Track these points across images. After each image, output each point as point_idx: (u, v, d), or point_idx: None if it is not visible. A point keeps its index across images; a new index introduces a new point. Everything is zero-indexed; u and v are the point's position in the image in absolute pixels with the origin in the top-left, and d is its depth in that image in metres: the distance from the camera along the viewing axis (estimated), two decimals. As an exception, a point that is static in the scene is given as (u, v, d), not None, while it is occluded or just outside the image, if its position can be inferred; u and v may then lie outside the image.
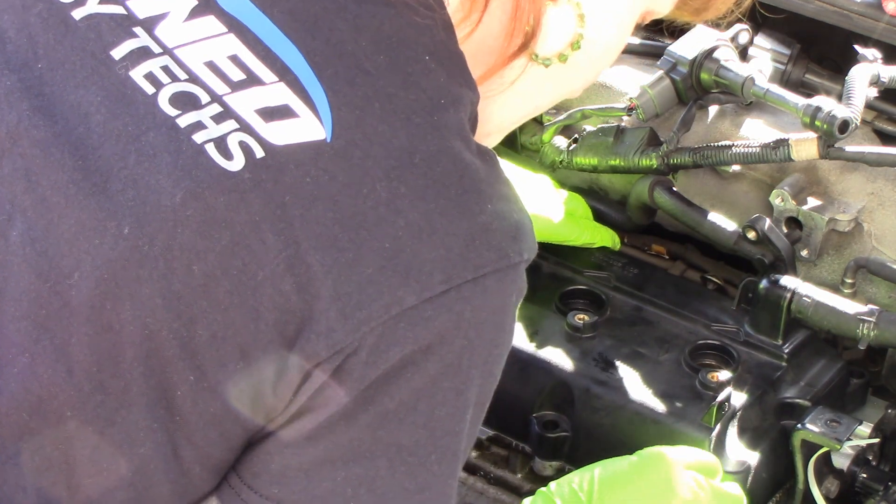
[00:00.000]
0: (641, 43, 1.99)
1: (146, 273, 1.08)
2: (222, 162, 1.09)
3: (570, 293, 1.73)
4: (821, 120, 1.65)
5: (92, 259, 1.09)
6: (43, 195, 1.10)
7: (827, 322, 1.63)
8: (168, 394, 1.10)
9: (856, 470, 1.58)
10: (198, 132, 1.10)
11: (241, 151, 1.09)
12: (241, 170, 1.08)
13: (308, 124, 1.10)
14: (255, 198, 1.08)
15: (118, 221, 1.09)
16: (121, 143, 1.11)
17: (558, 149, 1.86)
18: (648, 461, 1.46)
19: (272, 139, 1.10)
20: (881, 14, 1.82)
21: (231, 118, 1.11)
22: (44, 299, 1.09)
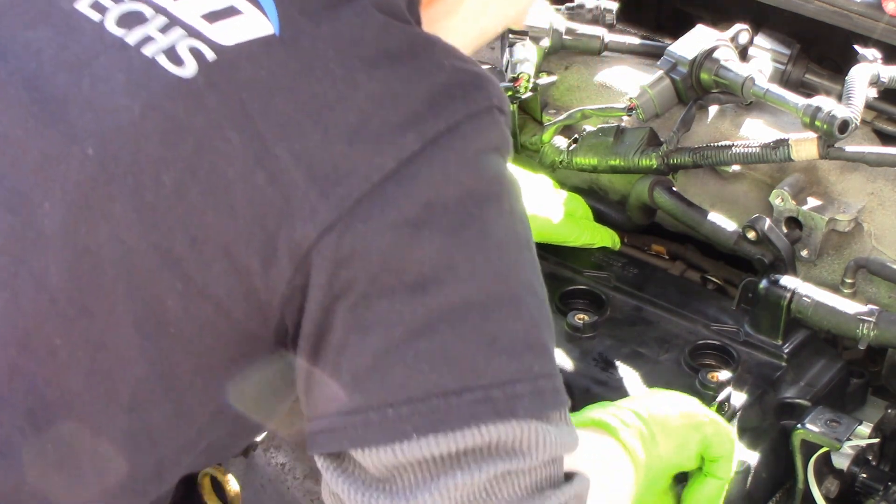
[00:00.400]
0: (641, 43, 1.99)
1: (116, 190, 1.10)
2: (175, 70, 1.11)
3: (569, 293, 1.73)
4: (821, 120, 1.65)
5: (60, 185, 1.10)
6: (4, 133, 1.13)
7: (827, 322, 1.63)
8: (157, 307, 1.11)
9: (856, 470, 1.58)
10: (147, 45, 1.13)
11: (191, 57, 1.12)
12: (194, 75, 1.11)
13: (254, 21, 1.13)
14: (212, 99, 1.10)
15: (81, 145, 1.11)
16: (74, 72, 1.13)
17: (558, 149, 1.86)
18: None
19: (221, 40, 1.12)
20: (881, 14, 1.82)
21: (177, 26, 1.14)
22: (18, 233, 1.11)
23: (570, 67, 1.95)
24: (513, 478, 1.11)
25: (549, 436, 1.12)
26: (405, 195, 1.08)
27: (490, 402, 1.09)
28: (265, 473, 1.89)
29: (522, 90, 1.85)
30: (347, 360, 1.10)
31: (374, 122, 1.10)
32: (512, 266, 1.13)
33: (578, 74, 1.94)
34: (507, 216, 1.13)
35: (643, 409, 1.41)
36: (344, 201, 1.08)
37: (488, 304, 1.11)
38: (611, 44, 1.96)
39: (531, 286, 1.14)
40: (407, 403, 1.09)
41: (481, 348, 1.10)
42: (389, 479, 1.11)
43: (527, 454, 1.11)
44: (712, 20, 1.90)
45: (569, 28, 1.94)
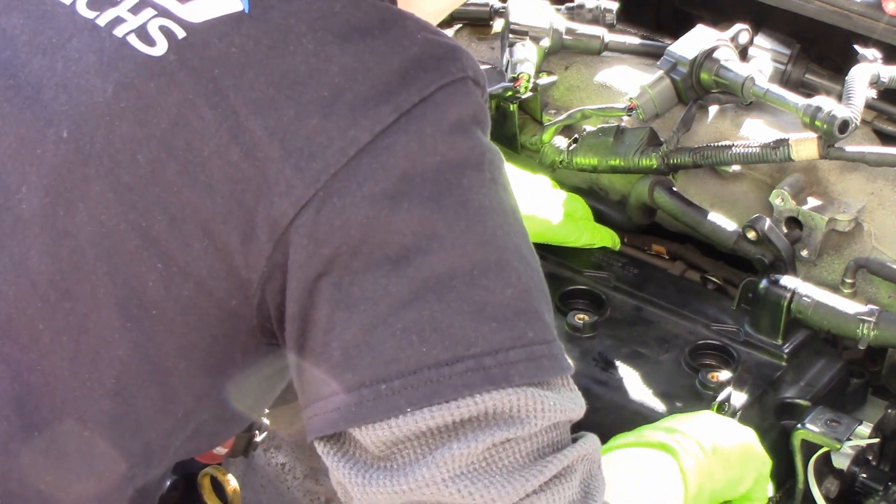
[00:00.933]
0: (641, 43, 1.99)
1: (92, 171, 1.10)
2: (146, 49, 1.12)
3: (570, 293, 1.73)
4: (821, 120, 1.65)
5: (37, 169, 1.11)
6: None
7: (827, 322, 1.63)
8: (138, 288, 1.11)
9: (856, 470, 1.58)
10: (118, 26, 1.14)
11: (162, 36, 1.12)
12: (165, 53, 1.12)
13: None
14: (184, 77, 1.10)
15: (56, 127, 1.11)
16: (47, 56, 1.14)
17: (558, 149, 1.86)
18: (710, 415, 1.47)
19: (191, 18, 1.13)
20: (881, 14, 1.82)
21: (148, 6, 1.14)
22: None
23: (571, 67, 1.95)
24: (512, 445, 1.10)
25: (547, 401, 1.11)
26: (381, 167, 1.08)
27: (483, 371, 1.08)
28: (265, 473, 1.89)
29: (522, 90, 1.85)
30: (335, 338, 1.09)
31: (347, 96, 1.10)
32: (496, 232, 1.11)
33: (578, 74, 1.94)
34: (489, 184, 1.12)
35: (708, 442, 1.39)
36: (320, 176, 1.08)
37: (474, 271, 1.10)
38: (611, 44, 1.96)
39: (518, 251, 1.13)
40: (399, 377, 1.08)
41: (470, 316, 1.09)
42: (389, 456, 1.10)
43: (525, 421, 1.10)
44: (712, 20, 1.90)
45: (569, 28, 1.94)
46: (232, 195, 1.09)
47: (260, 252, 1.10)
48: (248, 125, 1.09)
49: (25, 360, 1.13)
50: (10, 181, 1.12)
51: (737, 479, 1.42)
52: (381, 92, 1.10)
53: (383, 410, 1.08)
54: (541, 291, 1.14)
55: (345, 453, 1.12)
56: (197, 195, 1.09)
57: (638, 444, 1.39)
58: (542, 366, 1.11)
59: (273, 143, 1.08)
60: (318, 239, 1.08)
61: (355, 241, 1.08)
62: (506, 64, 1.89)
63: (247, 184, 1.09)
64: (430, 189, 1.09)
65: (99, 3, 1.16)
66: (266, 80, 1.10)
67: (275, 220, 1.09)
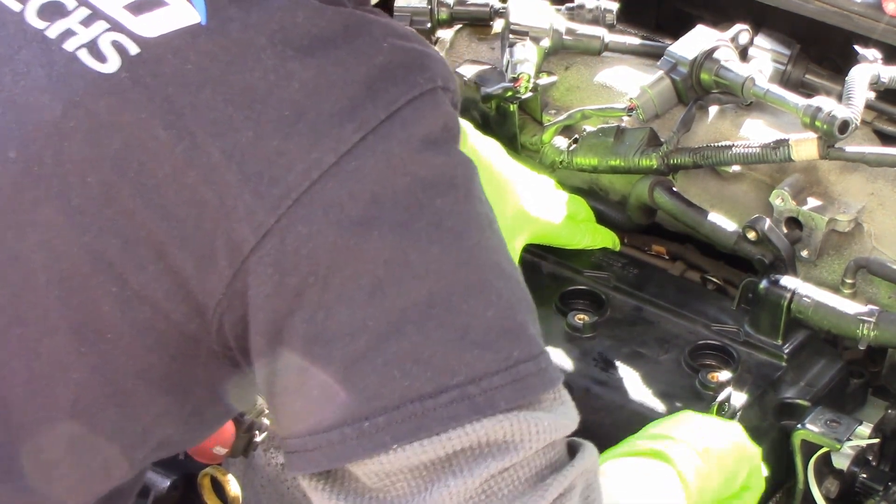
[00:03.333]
0: (641, 43, 1.99)
1: (42, 194, 1.06)
2: (97, 66, 1.07)
3: (570, 293, 1.73)
4: (821, 120, 1.65)
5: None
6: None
7: (827, 322, 1.63)
8: (93, 312, 1.07)
9: (856, 470, 1.58)
10: (68, 40, 1.09)
11: (114, 51, 1.07)
12: (117, 70, 1.06)
13: (179, 10, 1.08)
14: (137, 95, 1.05)
15: (2, 146, 1.07)
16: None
17: (558, 149, 1.86)
18: None
19: (145, 33, 1.07)
20: (881, 14, 1.82)
21: (100, 19, 1.09)
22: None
23: (571, 68, 1.95)
24: (510, 473, 1.07)
25: (540, 423, 1.07)
26: (348, 192, 1.04)
27: (468, 400, 1.05)
28: (265, 473, 1.89)
29: (523, 90, 1.85)
30: (313, 377, 1.05)
31: (309, 114, 1.05)
32: (473, 251, 1.08)
33: (579, 75, 1.94)
34: (462, 201, 1.08)
35: (699, 444, 1.37)
36: (282, 202, 1.03)
37: (453, 297, 1.06)
38: (611, 44, 1.96)
39: (498, 267, 1.09)
40: (382, 413, 1.04)
41: (452, 344, 1.05)
42: (383, 488, 1.07)
43: (519, 447, 1.07)
44: (712, 20, 1.90)
45: (569, 28, 1.94)
46: (188, 219, 1.04)
47: (219, 278, 1.06)
48: (204, 147, 1.04)
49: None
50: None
51: (732, 476, 1.41)
52: (346, 108, 1.05)
53: (368, 448, 1.05)
54: (524, 303, 1.11)
55: (333, 483, 1.09)
56: (151, 219, 1.05)
57: (630, 453, 1.37)
58: (529, 384, 1.08)
59: (231, 166, 1.03)
60: (285, 269, 1.04)
61: (324, 270, 1.04)
62: (506, 64, 1.89)
63: (204, 208, 1.04)
64: (402, 213, 1.05)
65: (49, 12, 1.10)
66: (223, 98, 1.05)
67: (235, 247, 1.04)
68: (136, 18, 1.08)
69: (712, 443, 1.39)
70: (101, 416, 1.12)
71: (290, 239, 1.03)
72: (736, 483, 1.43)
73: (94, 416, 1.11)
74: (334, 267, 1.04)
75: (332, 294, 1.04)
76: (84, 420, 1.11)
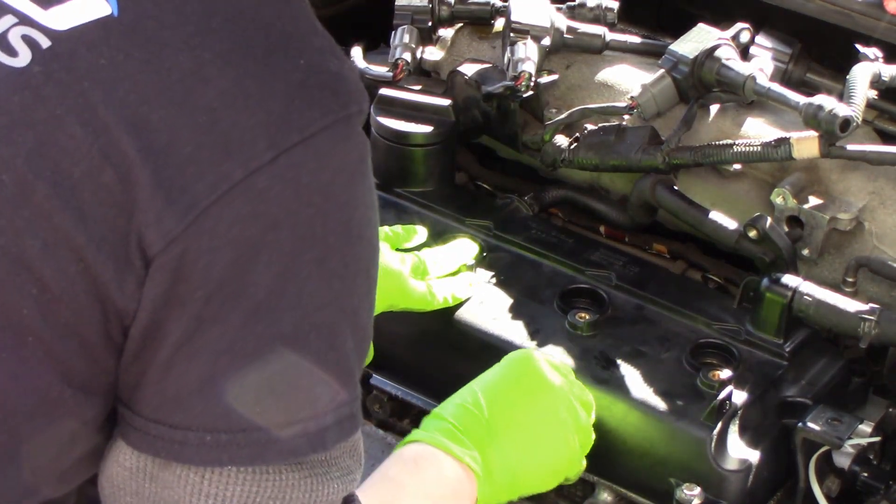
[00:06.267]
0: (643, 42, 1.99)
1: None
2: (7, 60, 1.04)
3: (571, 292, 1.73)
4: (822, 118, 1.65)
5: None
6: None
7: (828, 321, 1.63)
8: (13, 315, 1.04)
9: (857, 469, 1.58)
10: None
11: (25, 45, 1.04)
12: (28, 64, 1.03)
13: (90, 1, 1.05)
14: (50, 90, 1.03)
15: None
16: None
17: (559, 148, 1.86)
18: (517, 363, 1.53)
19: (55, 25, 1.05)
20: (882, 13, 1.82)
21: (8, 13, 1.06)
22: None
23: (572, 66, 1.95)
24: None
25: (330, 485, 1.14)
26: (252, 211, 1.03)
27: (307, 437, 1.09)
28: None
29: (524, 89, 1.85)
30: (173, 380, 1.07)
31: (223, 123, 1.03)
32: (342, 295, 1.10)
33: (579, 73, 1.94)
34: (352, 241, 1.10)
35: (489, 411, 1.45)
36: (190, 211, 1.02)
37: (311, 335, 1.09)
38: (612, 43, 1.96)
39: (356, 315, 1.12)
40: (227, 432, 1.07)
41: (303, 379, 1.09)
42: None
43: None
44: (713, 19, 1.89)
45: (570, 27, 1.94)
46: (105, 220, 1.02)
47: (136, 280, 1.05)
48: (120, 145, 1.01)
49: None
50: None
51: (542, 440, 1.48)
52: (260, 123, 1.04)
53: (205, 458, 1.08)
54: (362, 351, 1.15)
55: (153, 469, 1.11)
56: (68, 220, 1.02)
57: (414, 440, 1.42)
58: (345, 427, 1.12)
59: (146, 167, 1.02)
60: (178, 276, 1.04)
61: (213, 286, 1.04)
62: (507, 62, 1.89)
63: (119, 209, 1.02)
64: (295, 244, 1.05)
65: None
66: (138, 97, 1.02)
67: (144, 249, 1.03)
68: (46, 12, 1.06)
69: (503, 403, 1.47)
70: (27, 425, 1.09)
71: (192, 250, 1.03)
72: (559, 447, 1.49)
73: (18, 426, 1.08)
74: (222, 284, 1.04)
75: (212, 310, 1.05)
76: (11, 428, 1.08)
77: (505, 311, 1.70)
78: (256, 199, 1.03)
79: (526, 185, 1.95)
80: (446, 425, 1.45)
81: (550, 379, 1.52)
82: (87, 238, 1.03)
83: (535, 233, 1.83)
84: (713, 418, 1.53)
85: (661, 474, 1.56)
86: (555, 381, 1.52)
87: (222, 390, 1.07)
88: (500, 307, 1.71)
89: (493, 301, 1.71)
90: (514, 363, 1.54)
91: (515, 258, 1.79)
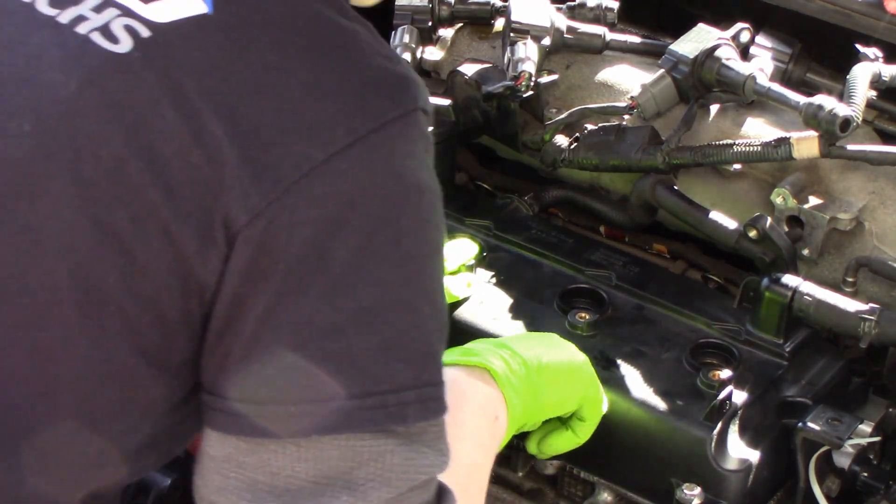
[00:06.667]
0: (643, 42, 1.99)
1: (55, 166, 1.10)
2: (110, 46, 1.12)
3: (571, 291, 1.73)
4: (822, 118, 1.65)
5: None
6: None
7: (828, 320, 1.63)
8: (97, 284, 1.10)
9: (857, 469, 1.58)
10: (80, 24, 1.13)
11: (126, 34, 1.12)
12: (130, 50, 1.11)
13: (188, 1, 1.14)
14: (148, 75, 1.10)
15: (18, 121, 1.11)
16: (7, 51, 1.14)
17: (559, 148, 1.86)
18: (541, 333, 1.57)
19: (155, 18, 1.13)
20: (882, 13, 1.82)
21: (111, 6, 1.14)
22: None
23: (572, 66, 1.95)
24: None
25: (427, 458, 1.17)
26: (331, 191, 1.10)
27: (385, 408, 1.13)
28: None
29: (524, 89, 1.85)
30: (257, 354, 1.12)
31: (306, 112, 1.11)
32: (418, 275, 1.16)
33: (580, 73, 1.94)
34: (423, 224, 1.16)
35: (534, 358, 1.47)
36: (275, 188, 1.09)
37: (391, 312, 1.14)
38: (612, 42, 1.96)
39: (432, 294, 1.18)
40: (310, 402, 1.12)
41: (382, 353, 1.13)
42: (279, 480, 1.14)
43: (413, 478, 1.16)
44: (713, 19, 1.90)
45: (570, 27, 1.94)
46: (192, 197, 1.09)
47: (218, 256, 1.11)
48: (210, 128, 1.09)
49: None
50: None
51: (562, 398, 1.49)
52: (339, 112, 1.12)
53: (289, 430, 1.12)
54: (442, 333, 1.19)
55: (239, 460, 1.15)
56: (158, 195, 1.09)
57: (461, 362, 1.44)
58: (430, 408, 1.16)
59: (233, 147, 1.09)
60: (261, 249, 1.10)
61: (293, 260, 1.10)
62: (507, 62, 1.89)
63: (206, 187, 1.09)
64: (370, 222, 1.12)
65: (60, 1, 1.15)
66: (228, 86, 1.11)
67: (228, 224, 1.10)
68: (146, 6, 1.14)
69: (547, 358, 1.48)
70: (100, 395, 1.14)
71: (275, 224, 1.09)
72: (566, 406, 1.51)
73: (92, 395, 1.14)
74: (302, 259, 1.10)
75: (292, 284, 1.11)
76: (83, 396, 1.14)
77: (505, 311, 1.70)
78: (335, 180, 1.10)
79: (526, 185, 1.95)
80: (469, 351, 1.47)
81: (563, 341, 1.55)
82: (174, 213, 1.09)
83: (535, 233, 1.83)
84: (713, 418, 1.53)
85: (661, 474, 1.56)
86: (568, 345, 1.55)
87: (303, 362, 1.11)
88: (500, 307, 1.71)
89: (493, 301, 1.71)
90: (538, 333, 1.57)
91: (515, 258, 1.79)
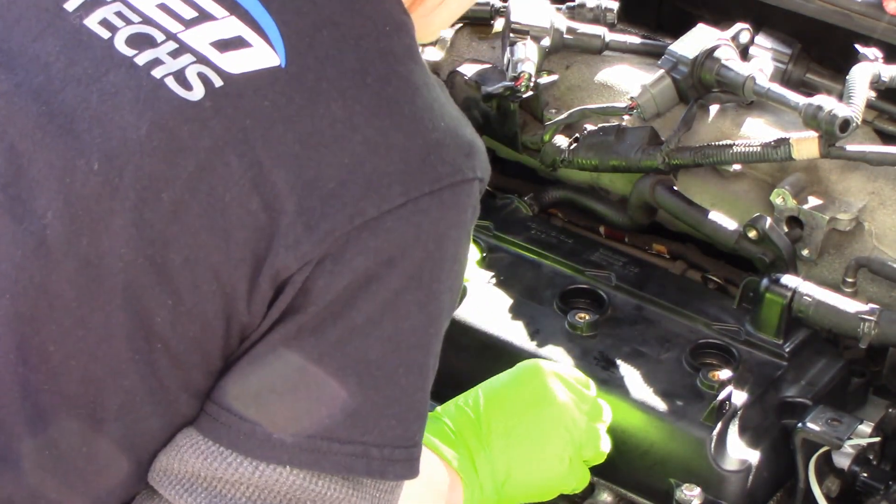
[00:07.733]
0: (642, 42, 1.99)
1: (118, 205, 1.12)
2: (183, 93, 1.13)
3: (570, 292, 1.73)
4: (822, 119, 1.65)
5: (64, 197, 1.13)
6: (11, 143, 1.14)
7: (828, 321, 1.63)
8: (146, 322, 1.13)
9: (857, 469, 1.58)
10: (156, 68, 1.15)
11: (199, 82, 1.14)
12: (201, 98, 1.13)
13: (262, 52, 1.15)
14: (216, 124, 1.12)
15: (87, 158, 1.13)
16: (82, 86, 1.15)
17: (559, 148, 1.86)
18: (525, 373, 1.54)
19: (229, 68, 1.15)
20: (882, 14, 1.82)
21: (187, 52, 1.16)
22: (20, 241, 1.13)
23: (571, 67, 1.95)
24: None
25: None
26: (376, 246, 1.13)
27: (366, 459, 1.16)
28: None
29: (523, 89, 1.85)
30: (258, 375, 1.15)
31: (365, 167, 1.13)
32: (430, 339, 1.19)
33: (579, 74, 1.94)
34: (447, 292, 1.18)
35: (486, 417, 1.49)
36: (326, 238, 1.11)
37: (398, 369, 1.17)
38: (612, 43, 1.96)
39: (435, 359, 1.21)
40: (294, 435, 1.15)
41: (377, 407, 1.16)
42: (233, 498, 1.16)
43: None
44: (713, 19, 1.90)
45: (570, 27, 1.94)
46: (246, 243, 1.12)
47: (263, 300, 1.14)
48: (270, 177, 1.11)
49: (34, 380, 1.15)
50: (37, 205, 1.13)
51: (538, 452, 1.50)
52: (397, 171, 1.14)
53: (264, 454, 1.15)
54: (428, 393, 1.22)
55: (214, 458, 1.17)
56: (213, 240, 1.12)
57: None
58: (411, 467, 1.20)
59: (292, 197, 1.11)
60: (302, 291, 1.13)
61: (322, 304, 1.13)
62: (506, 63, 1.89)
63: (261, 233, 1.12)
64: (403, 281, 1.14)
65: (138, 42, 1.17)
66: (293, 137, 1.12)
67: (277, 271, 1.12)
68: (222, 55, 1.15)
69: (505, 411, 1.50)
70: (144, 424, 1.17)
71: (319, 269, 1.12)
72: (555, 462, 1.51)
73: (136, 423, 1.17)
74: (330, 304, 1.13)
75: (314, 322, 1.14)
76: (127, 424, 1.17)
77: (505, 311, 1.70)
78: (381, 236, 1.13)
79: (526, 186, 1.95)
80: (442, 427, 1.47)
81: (555, 392, 1.52)
82: (227, 257, 1.12)
83: (535, 233, 1.83)
84: (713, 418, 1.53)
85: (661, 474, 1.56)
86: (559, 395, 1.52)
87: (300, 397, 1.15)
88: (500, 307, 1.71)
89: (493, 301, 1.71)
90: (522, 373, 1.54)
91: (515, 258, 1.79)
